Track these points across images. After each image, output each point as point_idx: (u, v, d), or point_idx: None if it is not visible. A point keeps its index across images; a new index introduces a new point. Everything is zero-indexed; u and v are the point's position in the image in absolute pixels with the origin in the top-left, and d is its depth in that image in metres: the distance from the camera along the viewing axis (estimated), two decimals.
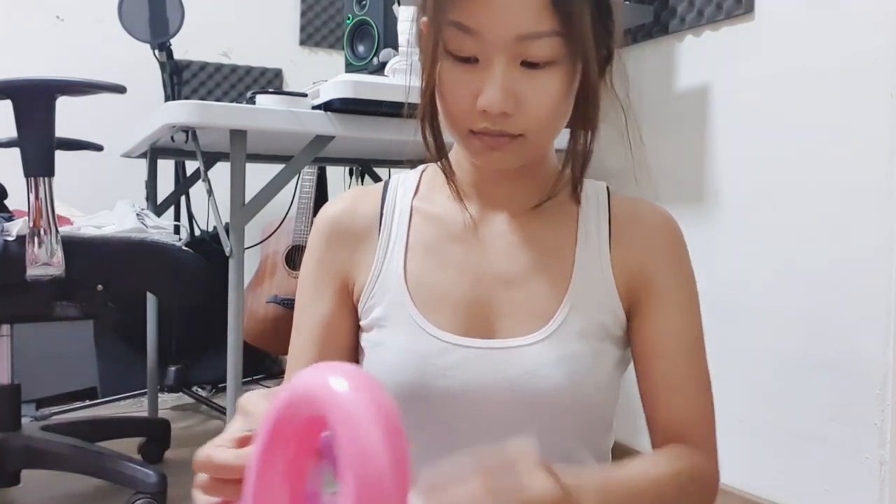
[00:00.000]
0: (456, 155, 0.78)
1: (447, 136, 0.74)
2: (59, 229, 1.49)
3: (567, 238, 0.76)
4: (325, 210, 0.81)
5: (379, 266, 0.76)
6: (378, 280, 0.76)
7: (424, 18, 0.71)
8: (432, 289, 0.74)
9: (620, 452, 0.75)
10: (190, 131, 1.51)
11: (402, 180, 0.82)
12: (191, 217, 2.40)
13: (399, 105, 1.47)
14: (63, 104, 1.48)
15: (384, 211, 0.79)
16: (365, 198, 0.80)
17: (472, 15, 0.63)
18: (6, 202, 1.77)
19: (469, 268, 0.75)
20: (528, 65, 0.65)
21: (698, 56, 1.77)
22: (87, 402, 2.50)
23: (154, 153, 2.09)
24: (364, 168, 2.49)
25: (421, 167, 0.83)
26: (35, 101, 1.47)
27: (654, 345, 0.75)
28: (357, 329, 0.79)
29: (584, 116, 0.71)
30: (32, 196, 1.46)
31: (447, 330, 0.72)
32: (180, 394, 2.61)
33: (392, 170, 2.58)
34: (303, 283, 0.80)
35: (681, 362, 0.75)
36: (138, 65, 2.33)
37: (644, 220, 0.77)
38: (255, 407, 0.55)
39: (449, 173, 0.75)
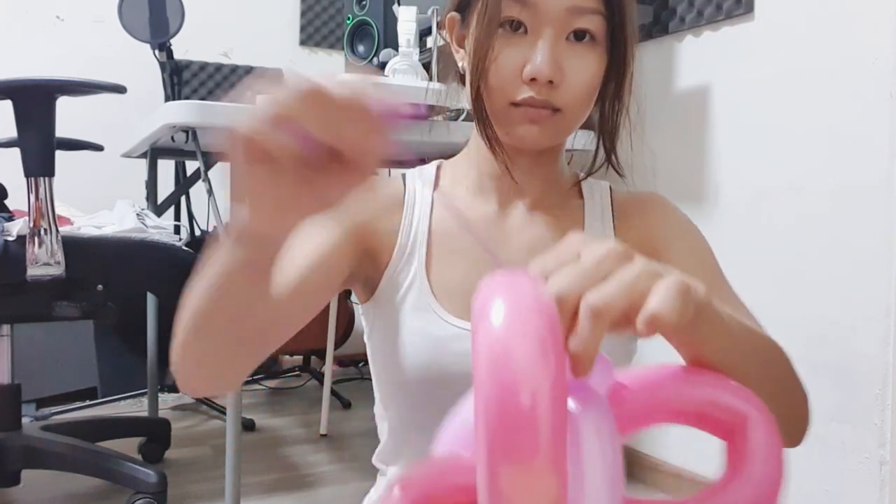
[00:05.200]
0: (475, 144, 0.79)
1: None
2: (59, 229, 1.49)
3: (575, 230, 0.77)
4: None
5: (401, 252, 0.77)
6: (400, 265, 0.77)
7: (453, 14, 0.76)
8: (452, 279, 0.76)
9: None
10: (190, 131, 1.50)
11: (419, 174, 0.83)
12: (191, 217, 2.40)
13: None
14: (63, 104, 1.48)
15: (406, 199, 0.80)
16: (387, 184, 0.82)
17: None
18: (6, 202, 1.77)
19: (488, 260, 0.76)
20: (574, 41, 0.70)
21: (698, 56, 1.77)
22: (87, 402, 2.50)
23: (154, 153, 2.08)
24: None
25: (435, 162, 0.84)
26: (35, 101, 1.47)
27: None
28: (346, 274, 0.76)
29: (616, 93, 0.75)
30: (32, 196, 1.47)
31: (465, 318, 0.73)
32: (180, 394, 2.61)
33: (391, 170, 2.58)
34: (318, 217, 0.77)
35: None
36: (138, 65, 2.32)
37: (640, 204, 0.81)
38: None
39: (495, 145, 0.74)
